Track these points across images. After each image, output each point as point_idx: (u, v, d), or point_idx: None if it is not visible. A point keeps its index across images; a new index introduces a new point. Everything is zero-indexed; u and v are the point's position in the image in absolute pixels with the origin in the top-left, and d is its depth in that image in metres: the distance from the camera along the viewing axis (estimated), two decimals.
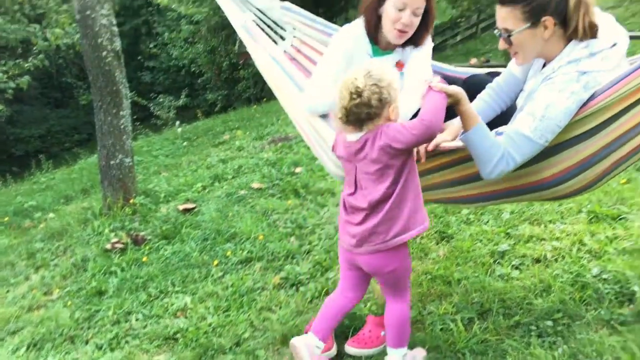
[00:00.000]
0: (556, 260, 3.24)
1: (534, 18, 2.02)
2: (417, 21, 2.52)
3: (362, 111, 2.02)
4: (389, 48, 2.67)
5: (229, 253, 4.03)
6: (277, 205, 4.76)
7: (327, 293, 3.30)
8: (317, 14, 3.50)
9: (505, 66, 2.55)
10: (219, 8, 14.93)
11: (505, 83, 2.50)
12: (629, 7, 13.16)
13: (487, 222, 3.88)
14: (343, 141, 2.18)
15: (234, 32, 12.94)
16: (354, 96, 2.01)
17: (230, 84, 16.91)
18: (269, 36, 3.45)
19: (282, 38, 3.56)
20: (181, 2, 17.21)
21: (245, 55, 11.15)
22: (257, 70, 3.40)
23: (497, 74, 2.61)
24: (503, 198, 2.46)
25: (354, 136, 2.11)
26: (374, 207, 2.11)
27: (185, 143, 8.39)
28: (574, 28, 2.00)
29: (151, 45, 21.03)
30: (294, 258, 3.84)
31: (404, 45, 2.65)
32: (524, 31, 2.06)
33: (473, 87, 2.53)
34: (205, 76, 17.70)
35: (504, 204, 3.67)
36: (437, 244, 3.76)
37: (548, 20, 2.00)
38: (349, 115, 2.05)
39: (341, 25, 2.93)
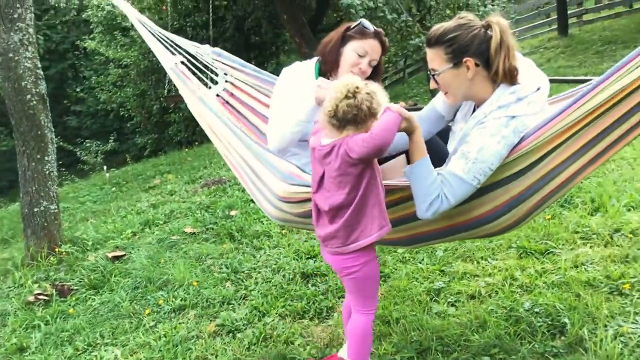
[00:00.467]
0: (490, 295, 3.31)
1: (455, 59, 2.14)
2: (369, 71, 2.66)
3: (351, 112, 2.07)
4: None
5: (161, 301, 3.88)
6: (211, 249, 4.65)
7: (265, 339, 3.22)
8: (249, 59, 3.56)
9: None
10: (148, 52, 14.82)
11: (426, 116, 2.59)
12: (544, 54, 14.01)
13: (422, 260, 3.93)
14: (318, 142, 2.22)
15: (164, 75, 12.81)
16: (349, 95, 2.07)
17: (160, 128, 16.66)
18: (201, 79, 3.44)
19: (215, 82, 3.55)
20: (109, 47, 17.00)
21: (176, 99, 11.05)
22: (188, 114, 3.39)
23: None
24: (439, 238, 2.51)
25: (327, 140, 2.17)
26: (335, 211, 2.17)
27: (114, 188, 8.13)
28: (495, 70, 2.12)
29: (78, 89, 20.53)
30: (230, 304, 3.73)
31: None
32: (447, 71, 2.18)
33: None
34: (134, 120, 17.37)
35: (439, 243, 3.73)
36: None
37: (469, 61, 2.12)
38: (336, 113, 2.10)
39: (272, 70, 3.01)
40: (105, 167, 9.10)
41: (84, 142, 16.52)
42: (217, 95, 3.50)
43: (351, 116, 2.08)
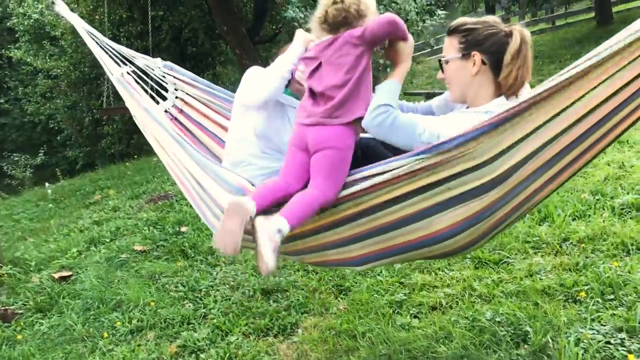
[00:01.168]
0: (451, 306, 3.40)
1: (465, 50, 2.17)
2: None
3: (340, 14, 2.17)
4: (296, 92, 2.78)
5: (117, 323, 3.75)
6: (164, 267, 4.54)
7: (230, 358, 3.18)
8: (186, 55, 3.47)
9: None
10: (79, 62, 14.23)
11: (421, 111, 2.59)
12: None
13: (381, 272, 3.98)
14: (313, 46, 2.31)
15: (97, 86, 12.35)
16: (337, 0, 2.17)
17: (93, 141, 16.09)
18: (150, 94, 3.35)
19: (163, 98, 3.46)
20: (37, 56, 16.33)
21: (111, 111, 10.72)
22: (123, 126, 3.30)
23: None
24: (395, 255, 2.38)
25: (326, 36, 2.25)
26: (330, 91, 2.20)
27: (50, 205, 7.78)
28: (505, 76, 2.14)
29: (2, 100, 19.59)
30: (190, 323, 3.66)
31: None
32: (455, 60, 2.20)
33: (366, 149, 2.59)
34: (65, 133, 16.72)
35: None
36: (336, 297, 3.78)
37: (477, 55, 2.14)
38: (327, 18, 2.19)
39: (210, 79, 3.00)
40: (47, 184, 8.65)
41: (10, 156, 15.74)
42: (166, 111, 3.42)
43: (341, 19, 2.18)
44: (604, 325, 2.82)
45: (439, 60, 2.29)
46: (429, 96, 8.78)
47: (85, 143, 16.32)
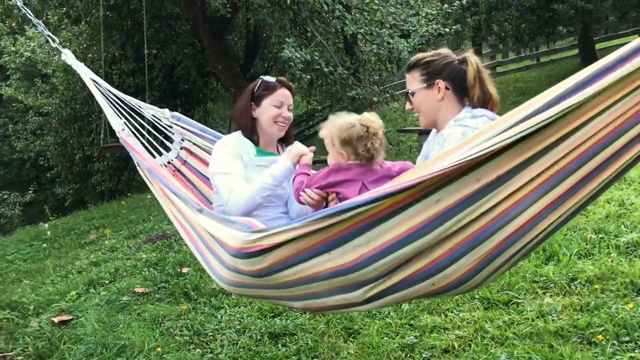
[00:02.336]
0: (464, 349, 3.38)
1: (429, 80, 2.42)
2: (291, 117, 2.79)
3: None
4: (269, 149, 2.80)
5: None
6: (167, 310, 4.47)
7: None
8: (176, 105, 3.49)
9: None
10: (71, 99, 14.27)
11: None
12: None
13: (389, 314, 3.96)
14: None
15: (89, 123, 12.38)
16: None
17: (82, 178, 15.99)
18: (152, 145, 3.34)
19: (167, 149, 3.44)
20: (28, 94, 16.36)
21: (111, 150, 10.66)
22: (114, 162, 3.28)
23: None
24: (393, 294, 2.21)
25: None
26: None
27: (44, 245, 7.67)
28: (472, 97, 2.38)
29: None
30: None
31: (280, 142, 2.88)
32: (421, 90, 2.44)
33: None
34: (54, 170, 16.61)
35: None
36: (345, 341, 3.74)
37: (440, 82, 2.39)
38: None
39: (199, 117, 3.02)
40: (47, 225, 8.52)
41: None
42: (169, 162, 3.39)
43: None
44: None
45: (407, 93, 2.51)
46: (422, 132, 8.86)
47: (75, 180, 16.22)
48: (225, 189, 2.66)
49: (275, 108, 2.70)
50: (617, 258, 3.92)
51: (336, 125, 2.41)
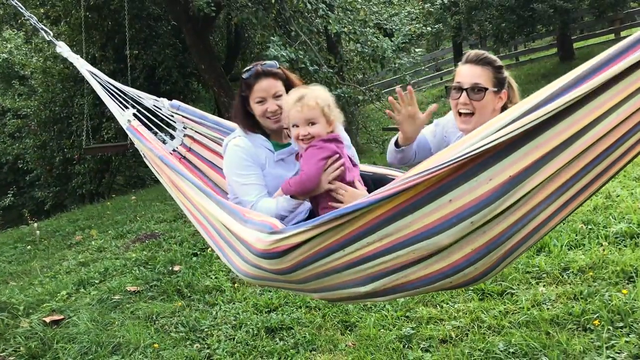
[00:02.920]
0: (461, 339, 3.41)
1: (499, 86, 2.34)
2: (281, 105, 2.58)
3: None
4: (282, 140, 2.72)
5: None
6: (161, 308, 4.45)
7: None
8: (159, 93, 3.47)
9: None
10: (50, 101, 14.11)
11: (417, 143, 2.64)
12: (446, 103, 14.85)
13: (384, 306, 3.99)
14: None
15: (68, 125, 12.20)
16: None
17: (62, 181, 15.77)
18: (157, 134, 3.33)
19: (172, 137, 3.45)
20: (5, 96, 16.10)
21: (94, 151, 10.57)
22: (95, 165, 3.27)
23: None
24: (412, 289, 2.32)
25: None
26: None
27: (29, 247, 7.56)
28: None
29: None
30: None
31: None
32: (491, 92, 2.33)
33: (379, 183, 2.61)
34: (33, 173, 16.36)
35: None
36: (342, 334, 3.76)
37: (504, 93, 2.35)
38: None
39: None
40: (36, 225, 8.37)
41: None
42: (174, 150, 3.40)
43: None
44: (619, 353, 2.88)
45: (475, 85, 2.33)
46: None
47: (55, 183, 15.98)
48: (244, 193, 2.63)
49: (259, 105, 2.60)
50: (607, 247, 4.00)
51: (322, 93, 2.39)
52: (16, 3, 3.57)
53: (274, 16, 9.47)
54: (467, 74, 2.38)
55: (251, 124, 2.69)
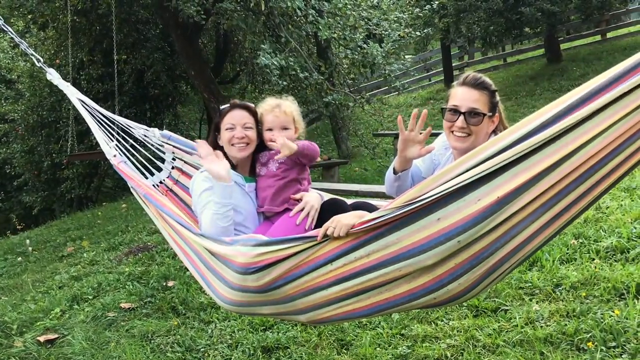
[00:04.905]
0: (456, 358, 3.45)
1: (493, 111, 2.44)
2: (252, 134, 2.75)
3: None
4: (247, 174, 2.83)
5: None
6: (157, 326, 4.45)
7: None
8: (146, 110, 3.44)
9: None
10: (37, 106, 14.00)
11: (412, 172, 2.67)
12: (435, 105, 14.95)
13: (379, 324, 4.02)
14: None
15: (56, 130, 12.12)
16: None
17: (51, 185, 15.65)
18: (143, 166, 3.32)
19: (159, 169, 3.42)
20: None
21: (78, 157, 10.51)
22: (84, 169, 3.25)
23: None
24: (398, 306, 2.36)
25: None
26: None
27: (19, 258, 7.51)
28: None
29: None
30: None
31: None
32: (487, 118, 2.42)
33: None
34: (21, 177, 16.23)
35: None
36: (339, 353, 3.79)
37: (496, 117, 2.46)
38: None
39: (169, 121, 3.04)
40: (28, 241, 8.28)
41: None
42: (161, 182, 3.36)
43: None
44: None
45: (473, 110, 2.40)
46: (397, 137, 8.96)
47: (43, 188, 15.86)
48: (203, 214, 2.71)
49: (228, 131, 2.74)
50: (599, 263, 4.05)
51: (294, 105, 2.79)
52: (7, 28, 3.55)
53: (263, 21, 9.46)
54: (464, 97, 2.43)
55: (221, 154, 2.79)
